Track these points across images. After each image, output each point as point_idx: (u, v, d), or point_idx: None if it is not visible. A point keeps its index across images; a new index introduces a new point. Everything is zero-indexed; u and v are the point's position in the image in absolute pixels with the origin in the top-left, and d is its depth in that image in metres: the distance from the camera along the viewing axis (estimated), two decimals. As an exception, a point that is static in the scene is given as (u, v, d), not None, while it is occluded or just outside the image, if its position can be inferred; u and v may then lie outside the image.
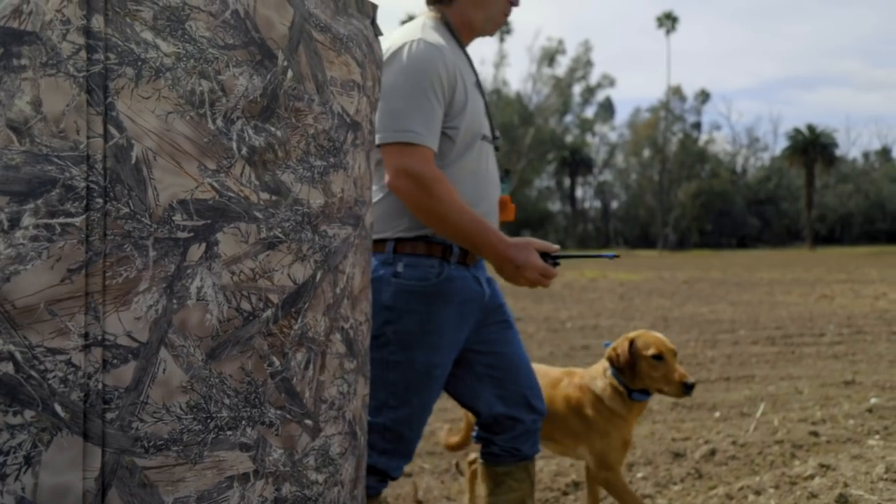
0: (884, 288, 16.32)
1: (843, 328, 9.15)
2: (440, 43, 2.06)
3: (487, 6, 2.19)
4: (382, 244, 2.12)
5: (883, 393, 5.31)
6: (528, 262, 2.00)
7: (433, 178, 1.96)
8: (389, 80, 2.00)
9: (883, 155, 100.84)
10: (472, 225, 1.98)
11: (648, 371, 2.53)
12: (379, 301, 2.09)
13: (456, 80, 2.06)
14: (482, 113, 2.19)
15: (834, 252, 58.69)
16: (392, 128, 1.98)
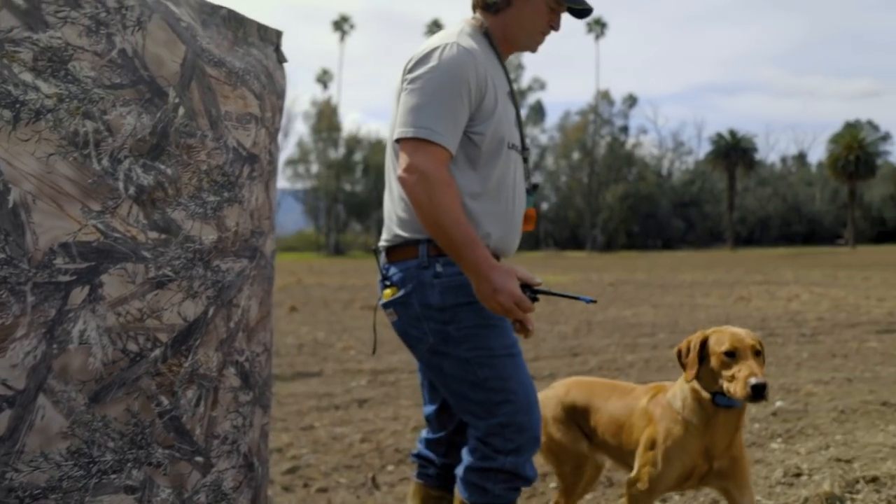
0: (797, 289, 16.97)
1: (757, 331, 9.44)
2: (474, 48, 2.10)
3: (527, 24, 2.21)
4: (414, 248, 2.12)
5: (788, 396, 5.54)
6: (505, 287, 1.97)
7: (439, 179, 1.96)
8: (419, 79, 2.03)
9: (799, 160, 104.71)
10: (463, 236, 1.97)
11: (720, 370, 2.29)
12: (430, 304, 2.09)
13: (486, 87, 2.09)
14: (512, 122, 2.22)
15: (753, 253, 60.70)
16: (411, 123, 2.00)
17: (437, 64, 2.02)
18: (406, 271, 2.11)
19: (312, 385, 6.19)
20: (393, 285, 2.14)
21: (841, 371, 6.58)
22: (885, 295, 15.26)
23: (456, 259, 2.01)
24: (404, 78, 2.09)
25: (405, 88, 2.06)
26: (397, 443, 4.31)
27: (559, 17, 2.22)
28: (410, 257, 2.11)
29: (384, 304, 2.17)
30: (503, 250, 2.22)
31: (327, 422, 4.91)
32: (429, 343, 2.11)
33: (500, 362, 2.11)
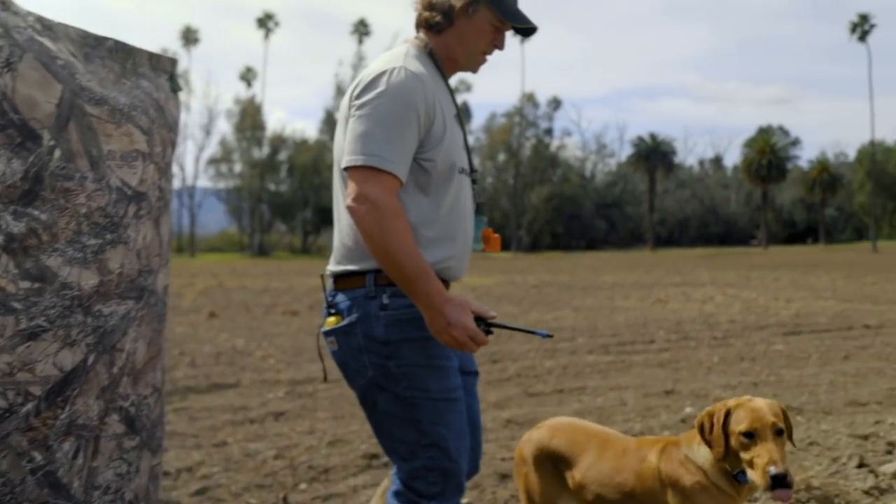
0: (712, 291, 17.52)
1: (672, 334, 9.74)
2: (421, 72, 2.06)
3: (469, 43, 2.18)
4: (360, 277, 2.07)
5: (697, 401, 5.71)
6: (459, 320, 1.93)
7: (390, 209, 1.92)
8: (367, 105, 1.99)
9: (716, 163, 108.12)
10: (416, 268, 1.92)
11: (740, 451, 2.14)
12: (374, 336, 2.05)
13: (435, 112, 2.05)
14: (461, 146, 2.18)
15: (672, 254, 62.35)
16: (360, 151, 1.96)
17: (386, 89, 1.98)
18: (353, 300, 2.07)
19: (228, 397, 6.07)
20: (338, 313, 2.10)
21: (748, 375, 6.82)
22: (792, 296, 15.89)
23: (408, 291, 1.96)
24: (352, 104, 2.04)
25: (353, 115, 2.01)
26: (311, 459, 4.26)
27: (503, 37, 2.21)
28: (357, 286, 2.07)
29: (326, 331, 2.12)
30: (456, 276, 2.19)
31: (241, 437, 4.82)
32: (367, 376, 2.07)
33: (435, 405, 2.07)
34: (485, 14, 2.13)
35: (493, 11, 2.13)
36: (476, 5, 2.11)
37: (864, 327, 10.30)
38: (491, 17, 2.14)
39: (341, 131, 2.09)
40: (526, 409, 5.59)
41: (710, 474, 2.22)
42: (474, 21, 2.13)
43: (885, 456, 4.23)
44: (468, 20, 2.13)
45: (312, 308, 13.70)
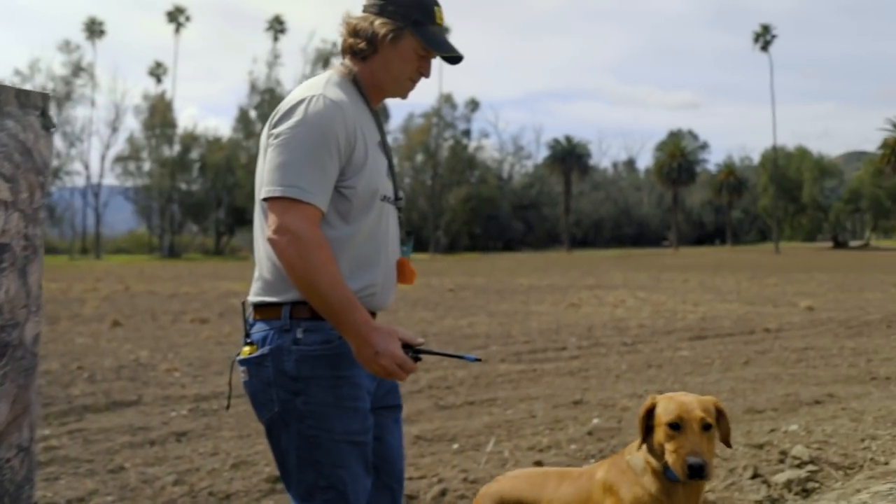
0: (624, 294, 17.94)
1: (583, 340, 9.91)
2: (342, 100, 2.04)
3: (395, 71, 2.16)
4: (276, 309, 2.03)
5: (605, 412, 5.81)
6: (387, 349, 1.91)
7: (312, 240, 1.89)
8: (284, 135, 1.96)
9: (629, 165, 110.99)
10: (340, 299, 1.89)
11: (665, 442, 2.17)
12: (284, 371, 2.00)
13: (356, 139, 2.03)
14: (384, 173, 2.14)
15: (588, 255, 63.66)
16: (279, 182, 1.93)
17: (304, 118, 1.96)
18: (267, 332, 2.04)
19: (128, 416, 5.84)
20: (252, 344, 2.06)
21: (654, 382, 6.98)
22: (699, 299, 16.43)
23: (333, 322, 1.94)
24: (270, 133, 2.01)
25: (271, 144, 1.99)
26: (213, 484, 4.13)
27: (429, 64, 2.20)
28: (273, 318, 2.04)
29: (240, 360, 2.08)
30: (381, 305, 2.16)
31: (140, 461, 4.63)
32: (274, 411, 2.03)
33: (338, 448, 2.03)
34: (409, 42, 2.13)
35: (417, 39, 2.13)
36: (401, 33, 2.11)
37: (765, 331, 10.72)
38: (416, 45, 2.14)
39: (262, 161, 2.06)
40: (436, 423, 5.57)
41: (643, 479, 2.22)
42: (399, 48, 2.13)
43: (777, 465, 4.38)
44: (393, 47, 2.12)
45: (223, 315, 13.39)
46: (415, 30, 2.11)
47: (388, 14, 2.11)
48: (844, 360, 7.99)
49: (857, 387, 6.58)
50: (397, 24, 2.10)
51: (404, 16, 2.11)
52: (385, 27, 2.10)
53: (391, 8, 2.12)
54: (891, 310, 13.51)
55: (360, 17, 2.16)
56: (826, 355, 8.40)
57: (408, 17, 2.11)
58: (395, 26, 2.10)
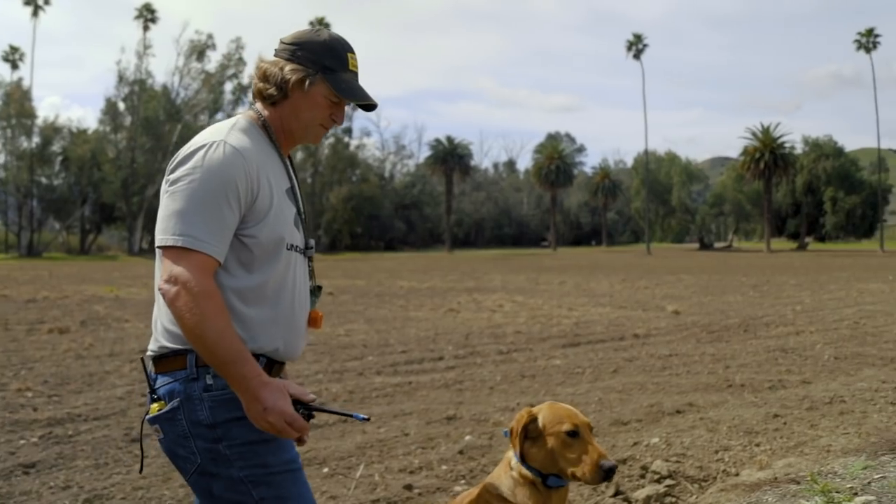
0: (502, 298, 18.22)
1: (460, 349, 9.97)
2: (244, 146, 1.99)
3: (305, 117, 2.11)
4: (180, 359, 1.96)
5: (477, 427, 5.83)
6: (276, 406, 1.85)
7: (201, 290, 1.84)
8: (181, 181, 1.91)
9: (509, 166, 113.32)
10: (229, 351, 1.84)
11: (562, 451, 2.18)
12: (199, 421, 1.94)
13: (258, 186, 1.97)
14: (291, 222, 2.09)
15: (469, 255, 64.48)
16: (171, 231, 1.89)
17: (201, 165, 1.91)
18: (174, 384, 1.97)
19: (-30, 446, 5.40)
20: (159, 399, 1.99)
21: (527, 394, 7.09)
22: (574, 303, 16.90)
23: (223, 375, 1.88)
24: (166, 179, 1.96)
25: (167, 191, 1.94)
26: (61, 525, 3.87)
27: (341, 110, 2.15)
28: (178, 368, 1.96)
29: (150, 419, 2.00)
30: (288, 356, 2.11)
31: (-21, 499, 4.28)
32: (197, 464, 1.96)
33: (278, 479, 1.98)
34: (320, 88, 2.09)
35: (328, 87, 2.09)
36: (312, 79, 2.07)
37: (634, 336, 11.11)
38: (327, 92, 2.09)
39: (160, 201, 2.00)
40: (308, 444, 5.43)
41: (518, 498, 2.22)
42: (310, 95, 2.09)
43: (638, 481, 4.52)
44: (303, 94, 2.08)
45: (86, 324, 12.67)
46: (326, 76, 2.08)
47: (299, 60, 2.08)
48: (705, 367, 8.38)
49: (715, 395, 6.90)
50: (308, 71, 2.07)
51: (315, 62, 2.08)
52: (295, 73, 2.06)
53: (302, 53, 2.08)
54: (748, 314, 14.32)
55: (271, 61, 2.12)
56: (688, 362, 8.79)
57: (319, 63, 2.08)
58: (305, 73, 2.07)
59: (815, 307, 15.63)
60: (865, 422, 5.64)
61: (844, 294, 19.10)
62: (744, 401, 6.61)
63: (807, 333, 11.24)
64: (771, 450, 5.03)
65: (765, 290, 20.72)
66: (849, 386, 7.10)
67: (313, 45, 2.09)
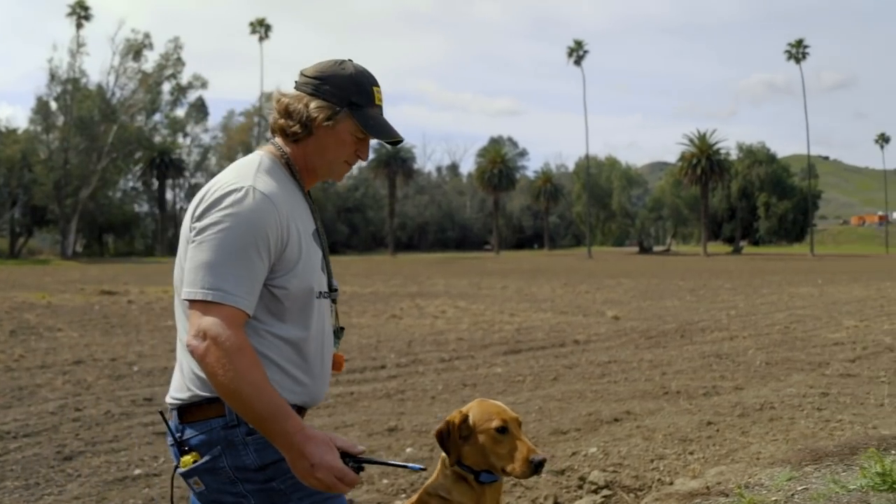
0: (445, 304, 18.27)
1: (402, 357, 9.98)
2: (273, 192, 1.89)
3: (330, 155, 2.02)
4: (218, 405, 1.86)
5: (419, 439, 5.85)
6: (324, 461, 1.75)
7: (234, 345, 1.74)
8: (209, 230, 1.81)
9: (452, 170, 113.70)
10: (268, 407, 1.74)
11: (492, 447, 2.19)
12: (246, 466, 1.86)
13: (288, 235, 1.89)
14: (318, 268, 2.00)
15: (412, 258, 64.43)
16: (201, 283, 1.79)
17: (230, 213, 1.82)
18: (210, 433, 1.87)
19: None
20: (193, 450, 1.88)
21: (468, 403, 7.13)
22: (516, 308, 17.05)
23: (262, 432, 1.78)
24: (193, 226, 1.85)
25: (194, 239, 1.83)
26: (-11, 551, 3.77)
27: (366, 146, 2.06)
28: (213, 416, 1.87)
29: (185, 473, 1.89)
30: (313, 402, 2.05)
31: None
32: None
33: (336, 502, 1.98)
34: (347, 125, 1.99)
35: (355, 123, 2.00)
36: (338, 116, 1.97)
37: (574, 343, 11.28)
38: (353, 129, 2.01)
39: (183, 251, 1.91)
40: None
41: (453, 496, 2.24)
42: (336, 132, 1.99)
43: (576, 492, 4.61)
44: (329, 131, 1.99)
45: (15, 333, 12.28)
46: (353, 112, 1.99)
47: (325, 95, 1.97)
48: (642, 374, 8.56)
49: (652, 402, 7.06)
50: (334, 108, 1.97)
51: (341, 98, 1.98)
52: (321, 111, 1.97)
53: (327, 88, 1.98)
54: (685, 318, 14.66)
55: (293, 95, 2.01)
56: (627, 369, 8.96)
57: (345, 99, 1.98)
58: (331, 110, 1.97)
59: (749, 311, 16.09)
60: (793, 428, 5.85)
61: (776, 298, 19.70)
62: (679, 408, 6.77)
63: (740, 339, 11.57)
64: (704, 458, 5.17)
65: (701, 295, 21.23)
66: (778, 392, 7.34)
67: (339, 80, 2.00)
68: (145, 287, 23.34)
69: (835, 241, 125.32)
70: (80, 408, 6.85)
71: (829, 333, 12.10)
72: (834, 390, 7.34)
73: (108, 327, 13.15)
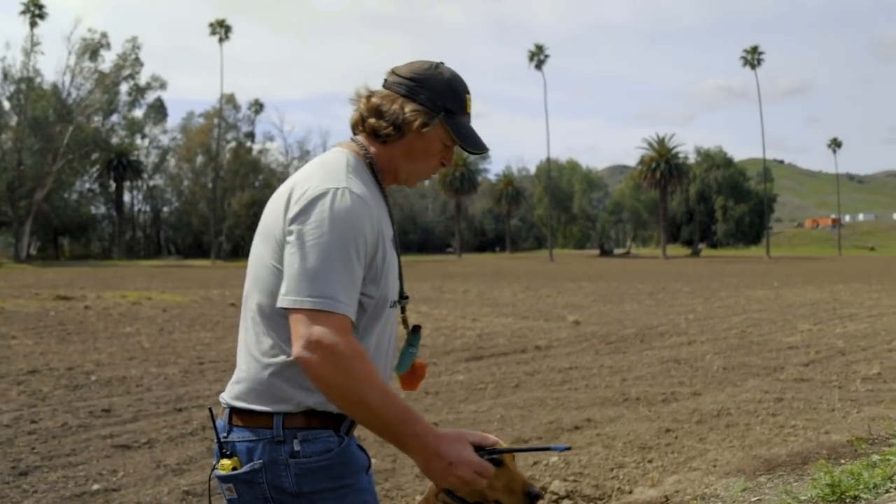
0: (407, 308, 18.19)
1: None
2: (365, 193, 1.82)
3: (418, 160, 1.96)
4: (265, 418, 1.80)
5: (382, 449, 5.83)
6: (461, 458, 1.72)
7: (352, 352, 1.67)
8: (308, 234, 1.73)
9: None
10: (395, 412, 1.69)
11: (490, 481, 2.07)
12: (282, 488, 1.77)
13: (379, 240, 1.82)
14: (396, 275, 1.93)
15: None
16: (307, 291, 1.70)
17: (330, 217, 1.74)
18: (255, 443, 1.81)
19: None
20: (234, 455, 1.82)
21: (430, 412, 7.15)
22: (478, 313, 17.12)
23: (389, 439, 1.74)
24: (289, 230, 1.78)
25: (291, 242, 1.76)
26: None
27: (451, 154, 2.02)
28: (260, 426, 1.80)
29: (223, 477, 1.83)
30: None
31: None
32: None
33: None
34: (438, 132, 1.94)
35: (447, 130, 1.95)
36: (432, 123, 1.92)
37: (536, 349, 11.36)
38: (444, 136, 1.96)
39: (265, 246, 1.85)
40: (208, 471, 5.31)
41: None
42: (426, 138, 1.94)
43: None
44: (419, 136, 1.93)
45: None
46: (446, 120, 1.94)
47: (421, 100, 1.92)
48: (602, 381, 8.66)
49: (612, 409, 7.15)
50: (430, 114, 1.91)
51: (436, 104, 1.93)
52: (417, 116, 1.91)
53: (423, 92, 1.93)
54: (645, 323, 14.86)
55: (383, 95, 1.95)
56: (587, 375, 9.06)
57: (440, 105, 1.93)
58: (427, 116, 1.91)
59: (707, 315, 16.37)
60: (749, 435, 5.98)
61: (733, 301, 20.07)
62: (639, 415, 6.88)
63: (698, 343, 11.77)
64: (662, 466, 5.26)
65: (660, 298, 21.53)
66: (735, 397, 7.49)
67: (435, 85, 1.94)
68: (102, 292, 22.95)
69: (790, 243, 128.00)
70: (35, 420, 6.72)
71: (784, 337, 12.37)
72: (788, 395, 7.51)
73: (65, 334, 12.90)
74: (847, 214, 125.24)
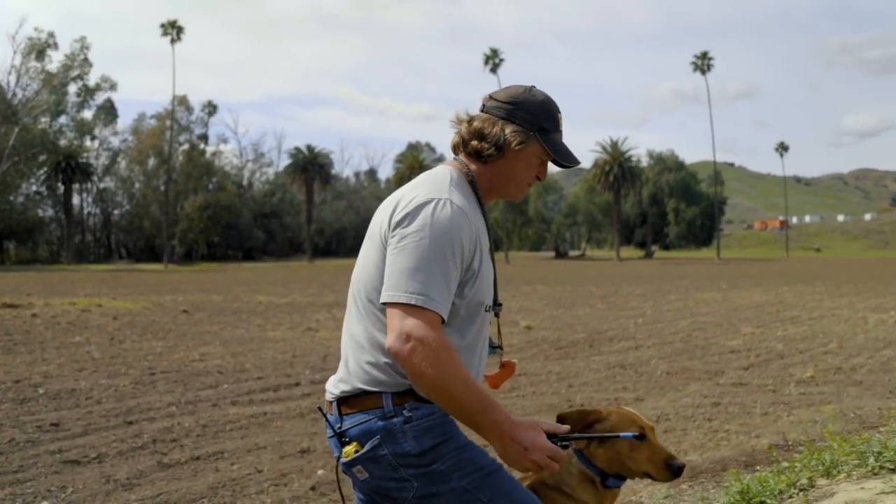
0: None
1: (317, 373, 10.03)
2: (465, 206, 2.04)
3: (518, 176, 2.18)
4: (374, 398, 2.02)
5: (331, 460, 5.95)
6: (535, 443, 1.90)
7: (440, 345, 1.87)
8: (410, 237, 1.96)
9: (371, 175, 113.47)
10: (477, 400, 1.89)
11: (630, 453, 2.25)
12: (406, 452, 1.99)
13: (476, 249, 2.04)
14: (491, 283, 2.15)
15: (329, 265, 64.03)
16: (404, 288, 1.92)
17: (432, 223, 1.97)
18: (367, 423, 2.02)
19: None
20: (353, 440, 2.02)
21: (381, 421, 7.28)
22: (431, 319, 17.25)
23: (472, 425, 1.93)
24: (392, 232, 2.01)
25: (393, 244, 1.98)
26: None
27: (546, 168, 2.24)
28: (371, 407, 2.02)
29: (347, 462, 2.03)
30: None
31: None
32: (415, 488, 2.01)
33: (494, 479, 2.05)
34: (535, 149, 2.16)
35: (543, 147, 2.16)
36: (529, 141, 2.14)
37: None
38: (540, 152, 2.17)
39: (372, 246, 2.10)
40: (158, 486, 5.39)
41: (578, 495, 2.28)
42: (524, 155, 2.15)
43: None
44: (518, 154, 2.15)
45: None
46: (542, 138, 2.15)
47: (519, 121, 2.13)
48: (550, 387, 8.87)
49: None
50: (527, 133, 2.13)
51: (533, 123, 2.14)
52: (516, 136, 2.12)
53: (522, 115, 2.14)
54: (595, 328, 15.17)
55: (483, 118, 2.17)
56: (535, 381, 9.27)
57: (536, 124, 2.15)
58: (525, 135, 2.13)
59: (656, 319, 16.76)
60: (685, 440, 6.23)
61: (682, 304, 20.55)
62: (582, 421, 7.08)
63: (645, 348, 12.08)
64: (602, 472, 5.46)
65: (612, 302, 21.93)
66: (675, 402, 7.76)
67: (531, 106, 2.16)
68: (51, 298, 22.54)
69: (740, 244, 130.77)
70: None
71: (727, 341, 12.76)
72: (725, 400, 7.81)
73: (11, 345, 12.69)
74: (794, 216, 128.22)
